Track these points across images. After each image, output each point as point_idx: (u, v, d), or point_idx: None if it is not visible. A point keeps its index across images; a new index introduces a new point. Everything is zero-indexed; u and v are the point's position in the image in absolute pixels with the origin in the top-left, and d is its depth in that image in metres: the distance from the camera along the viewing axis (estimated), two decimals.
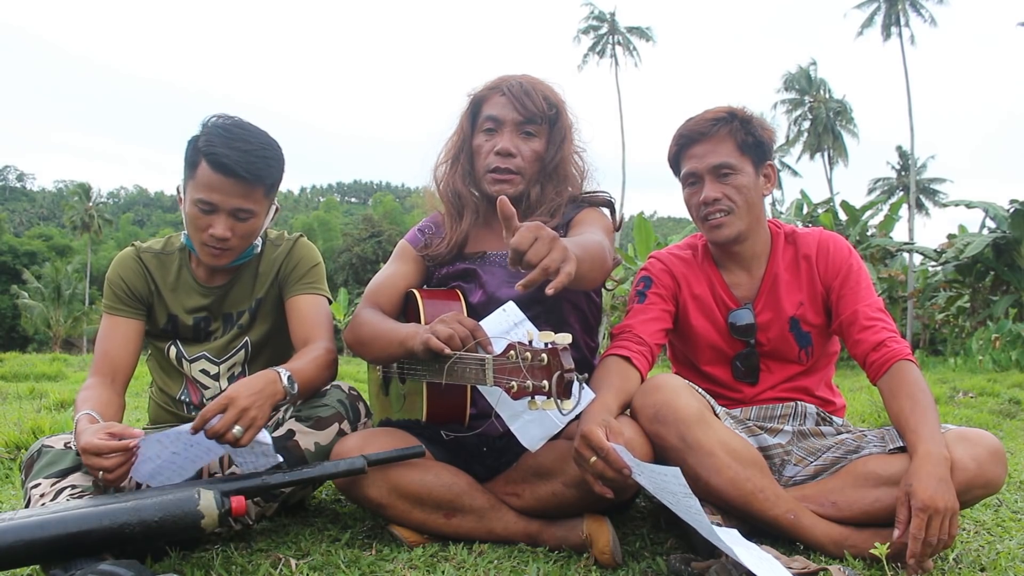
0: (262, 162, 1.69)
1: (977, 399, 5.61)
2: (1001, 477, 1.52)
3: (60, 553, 1.25)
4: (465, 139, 1.88)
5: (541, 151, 1.83)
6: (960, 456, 1.48)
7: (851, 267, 1.79)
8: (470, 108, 1.89)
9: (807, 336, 1.82)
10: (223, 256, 1.77)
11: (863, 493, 1.55)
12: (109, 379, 1.76)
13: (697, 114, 1.83)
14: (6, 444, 2.72)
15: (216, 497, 1.34)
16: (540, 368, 1.31)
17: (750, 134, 1.77)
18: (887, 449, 1.61)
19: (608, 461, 1.39)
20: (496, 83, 1.85)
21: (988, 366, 10.92)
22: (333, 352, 1.77)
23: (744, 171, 1.77)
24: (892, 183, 44.46)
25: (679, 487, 1.30)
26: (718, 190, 1.76)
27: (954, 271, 16.70)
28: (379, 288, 1.89)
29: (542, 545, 1.60)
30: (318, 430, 1.70)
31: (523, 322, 1.55)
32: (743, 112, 1.80)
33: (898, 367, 1.63)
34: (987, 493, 1.52)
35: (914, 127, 29.35)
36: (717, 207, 1.76)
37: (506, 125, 1.81)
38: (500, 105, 1.82)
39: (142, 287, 1.86)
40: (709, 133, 1.77)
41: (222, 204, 1.69)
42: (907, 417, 1.55)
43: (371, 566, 1.47)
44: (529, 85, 1.82)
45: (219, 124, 1.70)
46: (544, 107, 1.81)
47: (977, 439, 1.53)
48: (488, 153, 1.81)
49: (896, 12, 31.12)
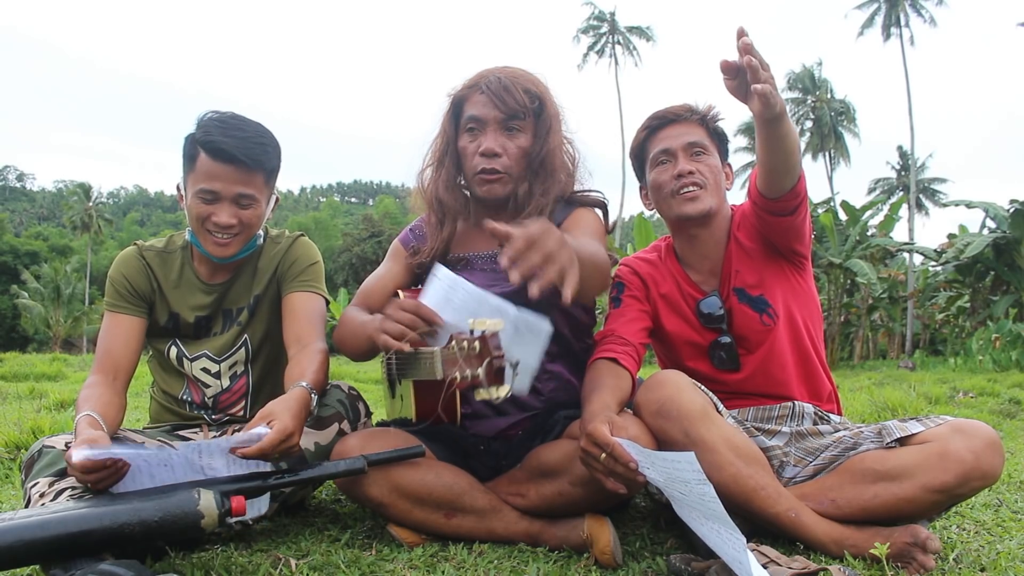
0: (259, 148, 1.71)
1: (977, 399, 5.61)
2: (998, 468, 1.50)
3: (60, 553, 1.25)
4: (449, 141, 1.85)
5: (527, 146, 1.78)
6: (957, 448, 1.48)
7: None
8: (451, 109, 1.84)
9: (759, 300, 1.81)
10: (229, 246, 1.77)
11: (861, 489, 1.55)
12: (111, 377, 1.76)
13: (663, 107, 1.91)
14: (6, 444, 2.73)
15: (216, 497, 1.34)
16: (475, 357, 1.33)
17: (716, 129, 1.88)
18: (884, 444, 1.61)
19: (615, 456, 1.38)
20: (474, 81, 1.80)
21: (988, 366, 10.92)
22: (326, 352, 1.77)
23: (714, 154, 1.85)
24: (892, 183, 44.46)
25: (693, 473, 1.27)
26: (691, 165, 1.81)
27: (954, 271, 16.69)
28: (370, 289, 1.89)
29: (543, 545, 1.60)
30: (318, 430, 1.71)
31: (457, 282, 1.54)
32: (709, 109, 1.89)
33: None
34: (984, 484, 1.51)
35: (914, 127, 29.34)
36: (691, 180, 1.81)
37: (489, 124, 1.76)
38: (481, 104, 1.77)
39: (144, 285, 1.87)
40: (682, 117, 1.86)
41: (224, 191, 1.70)
42: None
43: (371, 566, 1.47)
44: (509, 80, 1.76)
45: (214, 117, 1.72)
46: (526, 101, 1.76)
47: (973, 431, 1.52)
48: (474, 155, 1.78)
49: (896, 13, 31.11)
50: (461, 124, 1.82)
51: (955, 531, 1.81)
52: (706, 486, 1.26)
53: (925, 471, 1.49)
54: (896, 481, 1.51)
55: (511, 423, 1.77)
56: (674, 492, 1.39)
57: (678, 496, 1.39)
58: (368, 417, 1.86)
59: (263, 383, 1.93)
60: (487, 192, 1.77)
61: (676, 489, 1.37)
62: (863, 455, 1.61)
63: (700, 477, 1.26)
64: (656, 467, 1.37)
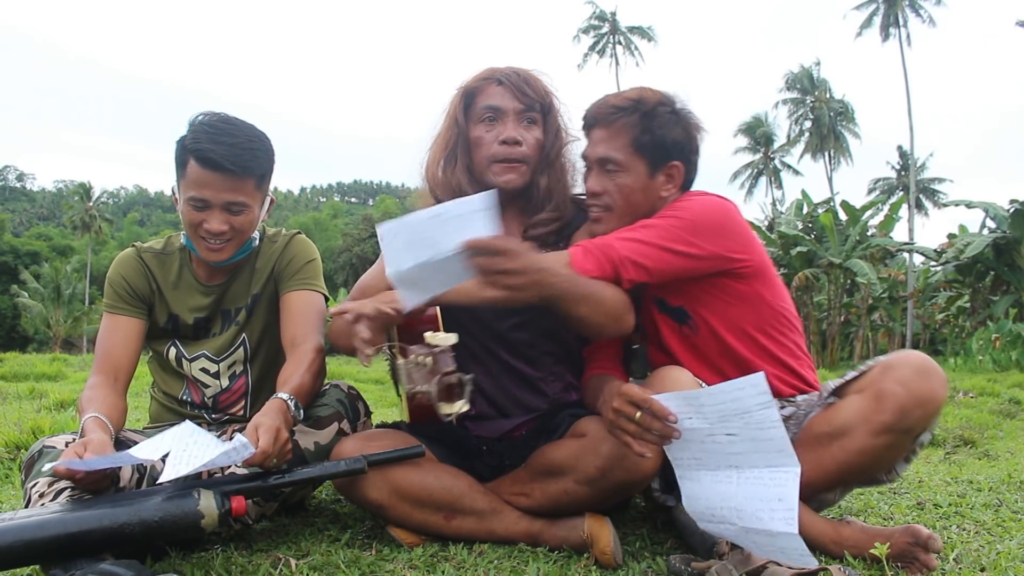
0: (249, 154, 1.69)
1: (977, 399, 5.61)
2: (936, 392, 1.44)
3: (60, 553, 1.25)
4: (460, 133, 1.83)
5: (542, 139, 1.81)
6: (887, 385, 1.45)
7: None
8: (462, 100, 1.84)
9: (678, 311, 1.72)
10: (222, 251, 1.77)
11: (819, 456, 1.52)
12: (112, 378, 1.76)
13: (608, 95, 1.75)
14: (6, 444, 2.72)
15: (216, 497, 1.34)
16: (428, 372, 1.33)
17: (648, 131, 1.66)
18: (824, 402, 1.59)
19: (653, 411, 1.33)
20: (488, 74, 1.82)
21: (988, 366, 10.94)
22: (321, 352, 1.77)
23: (632, 169, 1.67)
24: (892, 183, 44.49)
25: (756, 398, 1.21)
26: (600, 184, 1.70)
27: (954, 271, 16.72)
28: (365, 286, 1.89)
29: (543, 545, 1.60)
30: (317, 429, 1.70)
31: (403, 223, 1.37)
32: (653, 102, 1.68)
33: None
34: (927, 412, 1.45)
35: (914, 127, 29.39)
36: (596, 201, 1.71)
37: (508, 114, 1.77)
38: (499, 95, 1.78)
39: (143, 286, 1.86)
40: (606, 121, 1.69)
41: (214, 199, 1.69)
42: None
43: (371, 566, 1.47)
44: (524, 74, 1.81)
45: (205, 121, 1.71)
46: (542, 94, 1.81)
47: (900, 362, 1.48)
48: (491, 143, 1.77)
49: (895, 13, 31.14)
50: (474, 114, 1.81)
51: (955, 531, 1.81)
52: (770, 409, 1.20)
53: (866, 418, 1.47)
54: (846, 436, 1.50)
55: (515, 424, 1.77)
56: (716, 447, 1.30)
57: (719, 445, 1.30)
58: (368, 417, 1.86)
59: (262, 382, 1.92)
60: (506, 181, 1.76)
61: (726, 430, 1.28)
62: (811, 421, 1.60)
63: (765, 399, 1.20)
64: (705, 409, 1.29)
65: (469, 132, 1.81)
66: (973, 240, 15.56)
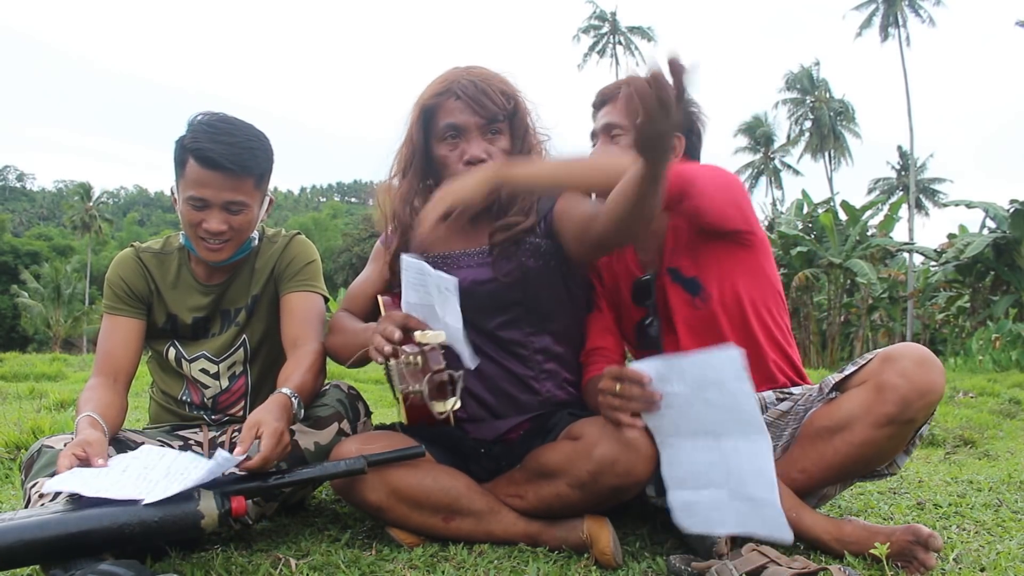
0: (248, 153, 1.69)
1: (977, 399, 5.61)
2: (936, 383, 1.46)
3: (60, 553, 1.25)
4: (416, 151, 1.78)
5: (508, 148, 1.75)
6: (888, 377, 1.46)
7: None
8: (420, 117, 1.76)
9: (691, 281, 1.75)
10: (222, 251, 1.77)
11: (822, 450, 1.55)
12: (112, 379, 1.76)
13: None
14: (6, 444, 2.72)
15: (216, 497, 1.34)
16: (419, 371, 1.33)
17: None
18: (826, 397, 1.60)
19: (629, 377, 1.38)
20: (443, 87, 1.73)
21: (988, 366, 10.93)
22: (322, 353, 1.77)
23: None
24: (892, 183, 44.50)
25: (732, 371, 1.24)
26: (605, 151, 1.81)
27: (954, 271, 16.71)
28: (354, 293, 1.89)
29: (542, 545, 1.60)
30: (317, 429, 1.70)
31: (425, 272, 1.51)
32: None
33: None
34: (928, 402, 1.46)
35: (913, 127, 29.40)
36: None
37: (470, 131, 1.71)
38: (457, 111, 1.70)
39: (142, 286, 1.86)
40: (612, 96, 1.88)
41: (213, 199, 1.69)
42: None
43: (371, 566, 1.47)
44: (483, 83, 1.71)
45: (204, 121, 1.71)
46: (503, 102, 1.71)
47: (900, 354, 1.49)
48: (456, 162, 1.73)
49: (894, 13, 31.16)
50: (436, 133, 1.75)
51: (955, 531, 1.81)
52: (744, 383, 1.23)
53: (868, 410, 1.49)
54: (848, 429, 1.51)
55: (511, 426, 1.77)
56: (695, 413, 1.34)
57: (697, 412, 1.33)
58: (368, 417, 1.86)
59: (262, 383, 1.92)
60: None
61: (703, 396, 1.31)
62: (812, 416, 1.61)
63: (740, 373, 1.22)
64: (684, 375, 1.32)
65: (433, 151, 1.77)
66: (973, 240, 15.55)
